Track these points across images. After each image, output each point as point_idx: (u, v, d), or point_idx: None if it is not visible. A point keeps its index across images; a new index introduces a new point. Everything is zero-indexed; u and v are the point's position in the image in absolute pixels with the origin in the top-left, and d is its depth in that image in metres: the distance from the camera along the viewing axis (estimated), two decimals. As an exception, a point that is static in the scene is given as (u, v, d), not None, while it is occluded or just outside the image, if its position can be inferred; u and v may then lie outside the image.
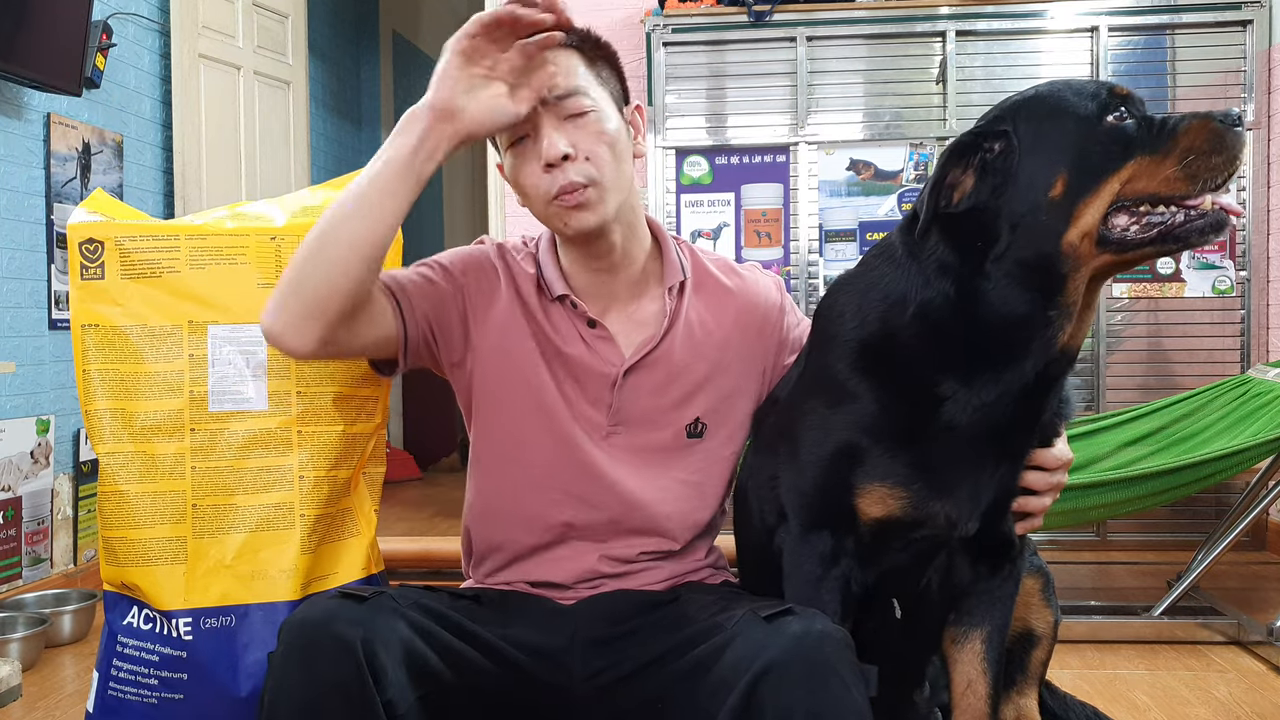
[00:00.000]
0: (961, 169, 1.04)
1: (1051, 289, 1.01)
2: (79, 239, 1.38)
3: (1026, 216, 1.00)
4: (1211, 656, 2.25)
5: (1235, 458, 2.22)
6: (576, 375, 1.25)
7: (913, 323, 1.07)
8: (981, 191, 1.02)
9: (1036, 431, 1.12)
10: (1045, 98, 1.04)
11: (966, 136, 1.04)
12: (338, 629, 0.98)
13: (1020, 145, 1.02)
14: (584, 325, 1.24)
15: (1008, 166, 1.02)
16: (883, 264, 1.13)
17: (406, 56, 5.95)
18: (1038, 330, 1.02)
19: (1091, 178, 0.98)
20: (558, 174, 1.14)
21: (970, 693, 1.20)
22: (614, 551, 1.25)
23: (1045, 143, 1.01)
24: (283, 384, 1.39)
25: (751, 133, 3.39)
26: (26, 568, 2.64)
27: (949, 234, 1.05)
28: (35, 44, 2.57)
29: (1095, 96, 1.00)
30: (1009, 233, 1.01)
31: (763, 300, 1.33)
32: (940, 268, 1.06)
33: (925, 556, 1.15)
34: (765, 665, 0.95)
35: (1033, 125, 1.02)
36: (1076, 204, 0.98)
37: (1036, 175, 1.00)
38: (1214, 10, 3.24)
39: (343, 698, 0.96)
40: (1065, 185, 0.98)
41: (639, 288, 1.27)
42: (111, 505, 1.37)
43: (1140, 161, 0.97)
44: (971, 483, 1.09)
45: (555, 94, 1.14)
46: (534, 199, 1.18)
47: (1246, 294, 3.23)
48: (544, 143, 1.14)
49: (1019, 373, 1.04)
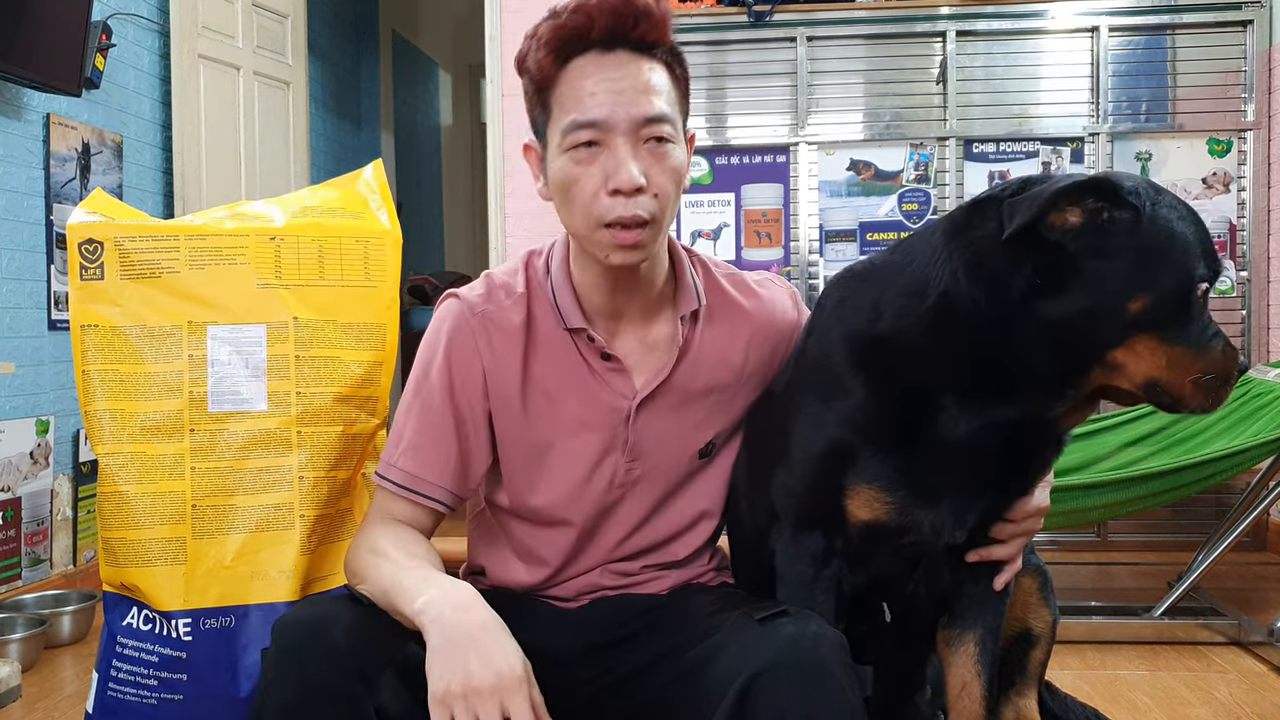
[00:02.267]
0: (1081, 205, 0.98)
1: (1073, 371, 1.01)
2: (78, 239, 1.38)
3: (1101, 304, 0.97)
4: (1212, 657, 2.25)
5: (1236, 458, 2.22)
6: (579, 421, 1.19)
7: (930, 312, 1.03)
8: (1080, 239, 0.97)
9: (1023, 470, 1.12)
10: (1183, 222, 0.99)
11: (1107, 184, 0.97)
12: (330, 630, 0.98)
13: (1138, 236, 0.97)
14: (598, 358, 1.18)
15: (1115, 243, 0.97)
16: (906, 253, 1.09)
17: (406, 56, 5.95)
18: (1040, 392, 1.02)
19: (1156, 326, 0.97)
20: (622, 202, 1.04)
21: (965, 695, 1.20)
22: (618, 568, 1.25)
23: (1157, 261, 0.97)
24: (282, 384, 1.39)
25: (751, 133, 3.39)
26: (26, 568, 2.64)
27: (1013, 246, 0.99)
28: (35, 44, 2.57)
29: (1208, 263, 0.98)
30: (1078, 297, 0.98)
31: (780, 319, 1.27)
32: (980, 266, 1.01)
33: (912, 562, 1.15)
34: (759, 668, 0.95)
35: (1157, 234, 0.97)
36: (1137, 334, 0.97)
37: (1133, 280, 0.97)
38: (1214, 10, 3.23)
39: (332, 699, 0.96)
40: (1141, 311, 0.97)
41: (653, 310, 1.20)
42: (111, 506, 1.37)
43: (1184, 353, 0.97)
44: (957, 497, 1.09)
45: (643, 116, 1.05)
46: (581, 215, 1.08)
47: (1246, 294, 3.23)
48: (620, 167, 1.04)
49: (1003, 412, 1.04)
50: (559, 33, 1.06)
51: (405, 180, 5.79)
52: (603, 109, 1.04)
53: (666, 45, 1.09)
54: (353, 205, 1.50)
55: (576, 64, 1.07)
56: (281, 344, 1.40)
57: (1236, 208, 3.24)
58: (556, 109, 1.08)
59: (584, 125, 1.05)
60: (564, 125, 1.06)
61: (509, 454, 1.21)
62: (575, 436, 1.19)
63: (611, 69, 1.06)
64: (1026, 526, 1.16)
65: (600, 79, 1.05)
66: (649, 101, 1.06)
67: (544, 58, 1.07)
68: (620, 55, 1.06)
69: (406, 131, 5.89)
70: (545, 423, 1.19)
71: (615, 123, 1.05)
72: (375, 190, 1.54)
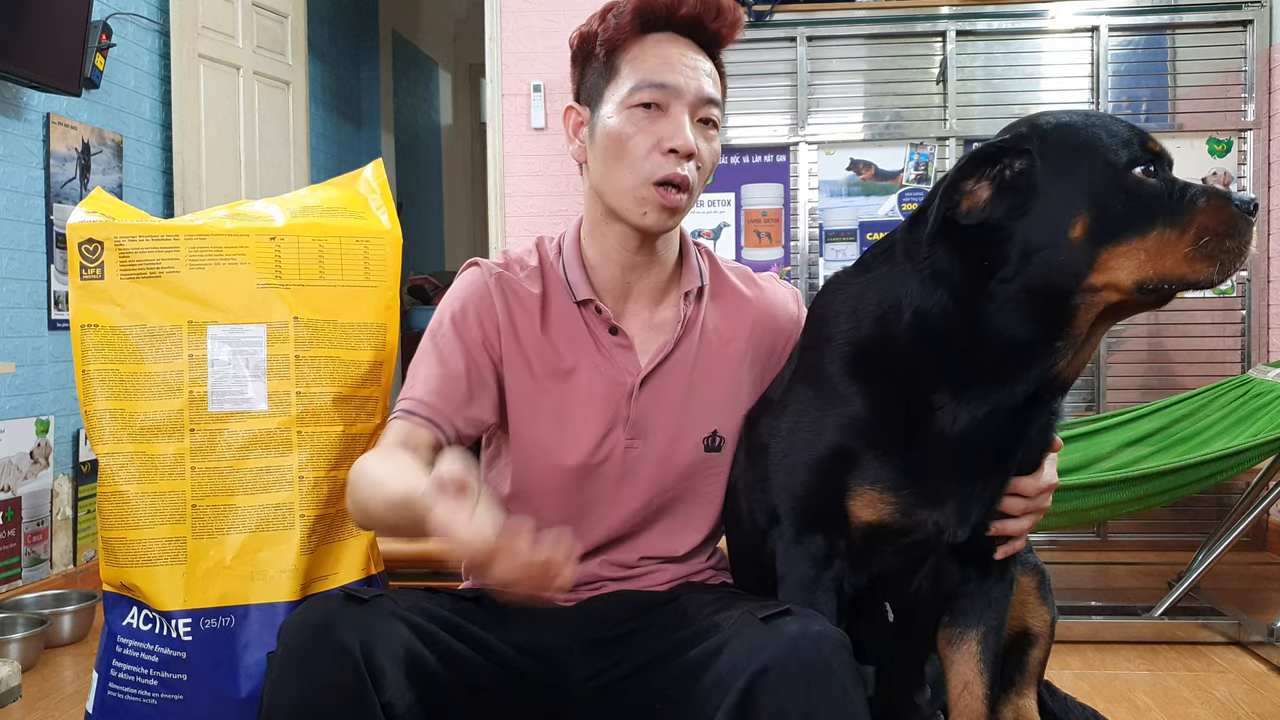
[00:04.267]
0: (978, 179, 1.00)
1: (1059, 321, 1.00)
2: (78, 239, 1.38)
3: (1043, 250, 0.97)
4: (1212, 657, 2.25)
5: (1236, 458, 2.22)
6: (587, 395, 1.22)
7: (908, 330, 1.06)
8: (996, 208, 1.00)
9: (1025, 447, 1.12)
10: (1077, 129, 1.00)
11: (989, 147, 1.01)
12: (337, 631, 0.98)
13: (1042, 171, 0.99)
14: (605, 332, 1.23)
15: (1027, 189, 0.99)
16: (881, 265, 1.12)
17: (406, 56, 5.95)
18: (1037, 358, 1.02)
19: (1113, 231, 0.95)
20: (674, 160, 1.15)
21: (967, 693, 1.20)
22: (616, 558, 1.26)
23: (1070, 178, 0.98)
24: (282, 384, 1.39)
25: (751, 133, 3.39)
26: (26, 568, 2.64)
27: (953, 243, 1.03)
28: (35, 44, 2.57)
29: (1128, 145, 0.97)
30: (1020, 259, 0.99)
31: (781, 312, 1.32)
32: (938, 276, 1.04)
33: (916, 561, 1.15)
34: (762, 666, 0.95)
35: (1059, 154, 0.99)
36: (1099, 252, 0.96)
37: (1057, 210, 0.97)
38: (1214, 10, 3.24)
39: (341, 699, 0.97)
40: (1086, 230, 0.96)
41: (659, 292, 1.27)
42: (111, 506, 1.37)
43: (1161, 234, 0.95)
44: (960, 493, 1.09)
45: (705, 95, 1.17)
46: (629, 171, 1.16)
47: (1247, 294, 3.23)
48: (679, 130, 1.14)
49: (1010, 394, 1.04)
50: (648, 4, 1.17)
51: (405, 180, 5.79)
52: (676, 77, 1.16)
53: (723, 48, 1.22)
54: (353, 205, 1.50)
55: (654, 36, 1.19)
56: (281, 344, 1.40)
57: (1236, 208, 3.24)
58: (626, 69, 1.18)
59: (656, 85, 1.16)
60: (635, 82, 1.16)
61: (516, 422, 1.23)
62: (580, 408, 1.22)
63: (686, 49, 1.19)
64: (1039, 503, 1.16)
65: (676, 52, 1.18)
66: (710, 85, 1.19)
67: (626, 21, 1.18)
68: (690, 44, 1.19)
69: (406, 131, 5.89)
70: (552, 392, 1.22)
71: (683, 91, 1.16)
72: (375, 190, 1.54)
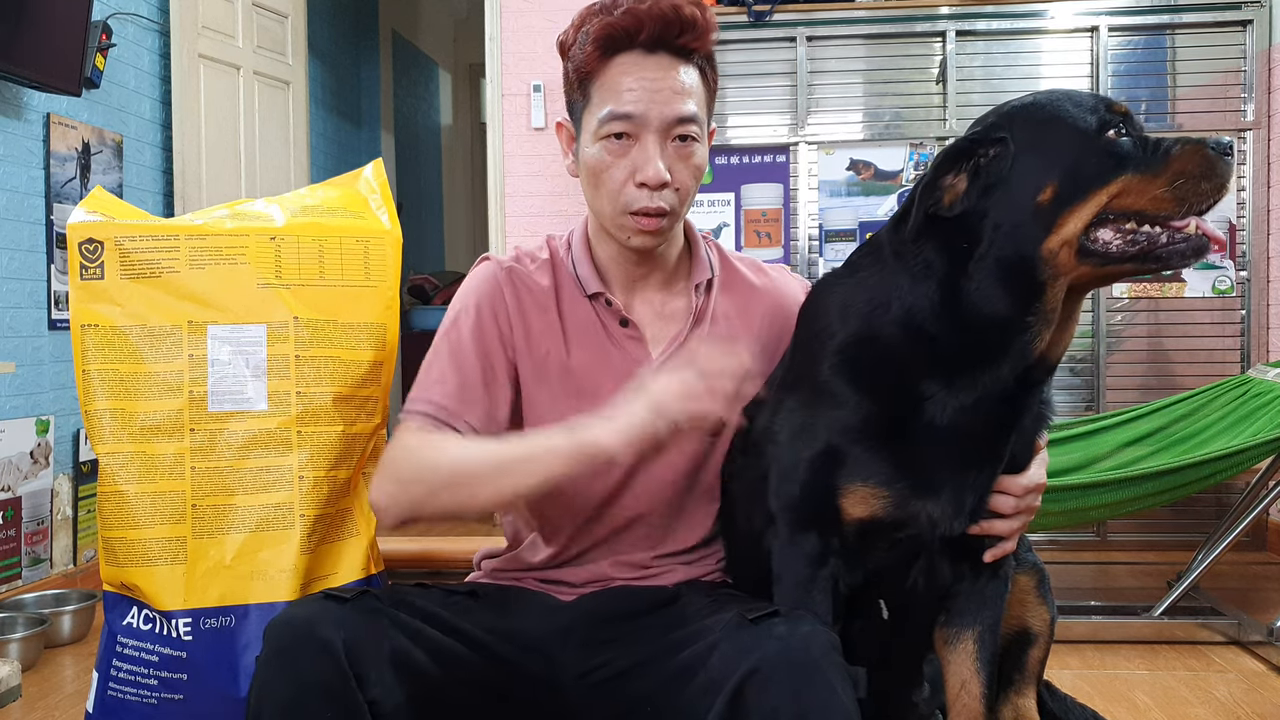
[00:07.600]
0: (955, 172, 1.04)
1: (1030, 294, 1.02)
2: (78, 239, 1.38)
3: (1011, 219, 1.01)
4: (1211, 656, 2.25)
5: (1235, 458, 2.23)
6: (598, 387, 1.22)
7: (897, 326, 1.07)
8: (972, 195, 1.03)
9: (1018, 434, 1.12)
10: (1044, 106, 1.04)
11: (963, 141, 1.05)
12: (319, 630, 0.99)
13: (1015, 151, 1.02)
14: (616, 324, 1.24)
15: (1001, 171, 1.03)
16: (869, 265, 1.13)
17: (406, 56, 5.95)
18: (1015, 334, 1.03)
19: (1080, 189, 0.99)
20: (647, 194, 1.14)
21: (965, 693, 1.20)
22: (630, 558, 1.26)
23: (1040, 151, 1.01)
24: (282, 384, 1.39)
25: (751, 132, 3.39)
26: (26, 568, 2.64)
27: (937, 237, 1.05)
28: (35, 44, 2.57)
29: (1094, 111, 1.01)
30: (992, 232, 1.02)
31: (789, 302, 1.31)
32: (926, 270, 1.06)
33: (910, 557, 1.15)
34: (751, 668, 0.95)
35: (1029, 132, 1.03)
36: (1061, 212, 0.99)
37: (1027, 181, 1.01)
38: (1214, 10, 3.24)
39: (325, 698, 0.97)
40: (1054, 193, 0.99)
41: (669, 283, 1.27)
42: (111, 505, 1.37)
43: (1131, 179, 0.98)
44: (953, 484, 1.09)
45: (675, 117, 1.14)
46: (608, 200, 1.17)
47: (1246, 294, 3.23)
48: (648, 162, 1.13)
49: (996, 377, 1.05)
50: (608, 29, 1.14)
51: (405, 180, 5.79)
52: (639, 105, 1.13)
53: (705, 53, 1.18)
54: (353, 205, 1.50)
55: (619, 60, 1.15)
56: (281, 344, 1.40)
57: (1236, 208, 3.24)
58: (596, 98, 1.16)
59: (619, 117, 1.14)
60: (601, 115, 1.15)
61: (530, 414, 1.24)
62: (592, 400, 1.21)
63: (651, 70, 1.14)
64: (1027, 502, 1.16)
65: (639, 78, 1.14)
66: (681, 103, 1.14)
67: (590, 50, 1.15)
68: (661, 58, 1.15)
69: (406, 131, 5.89)
70: (564, 386, 1.23)
71: (648, 120, 1.14)
72: (375, 190, 1.54)
